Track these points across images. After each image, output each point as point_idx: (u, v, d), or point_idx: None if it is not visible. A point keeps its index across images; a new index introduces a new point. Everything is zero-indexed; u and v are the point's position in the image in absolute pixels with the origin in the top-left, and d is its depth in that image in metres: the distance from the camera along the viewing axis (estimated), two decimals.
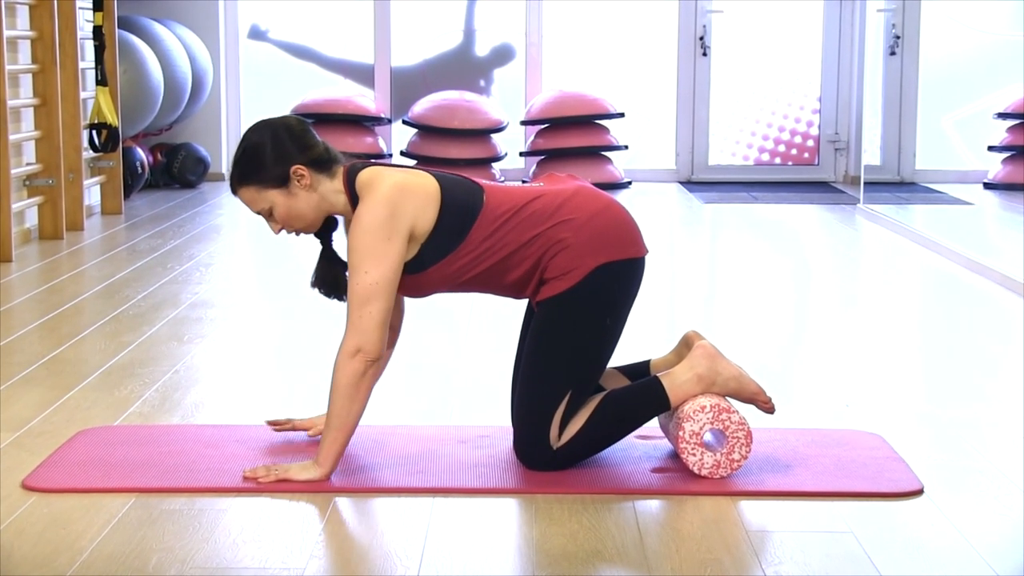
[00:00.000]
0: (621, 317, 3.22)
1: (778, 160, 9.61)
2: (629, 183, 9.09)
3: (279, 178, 3.13)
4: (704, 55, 9.44)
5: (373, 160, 3.26)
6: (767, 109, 9.58)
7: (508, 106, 9.31)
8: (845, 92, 9.44)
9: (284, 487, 3.08)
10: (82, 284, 5.66)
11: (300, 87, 9.26)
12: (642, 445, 3.38)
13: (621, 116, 8.99)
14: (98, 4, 7.36)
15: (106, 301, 5.26)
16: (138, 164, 8.11)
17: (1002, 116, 8.90)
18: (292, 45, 9.58)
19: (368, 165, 3.19)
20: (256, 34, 9.53)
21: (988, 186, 8.89)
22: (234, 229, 7.33)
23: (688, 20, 9.42)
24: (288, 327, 4.91)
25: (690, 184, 9.37)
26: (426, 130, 8.94)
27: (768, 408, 3.28)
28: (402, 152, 9.05)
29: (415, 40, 9.52)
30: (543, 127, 8.99)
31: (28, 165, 6.72)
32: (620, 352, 3.30)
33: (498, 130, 8.97)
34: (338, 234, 3.29)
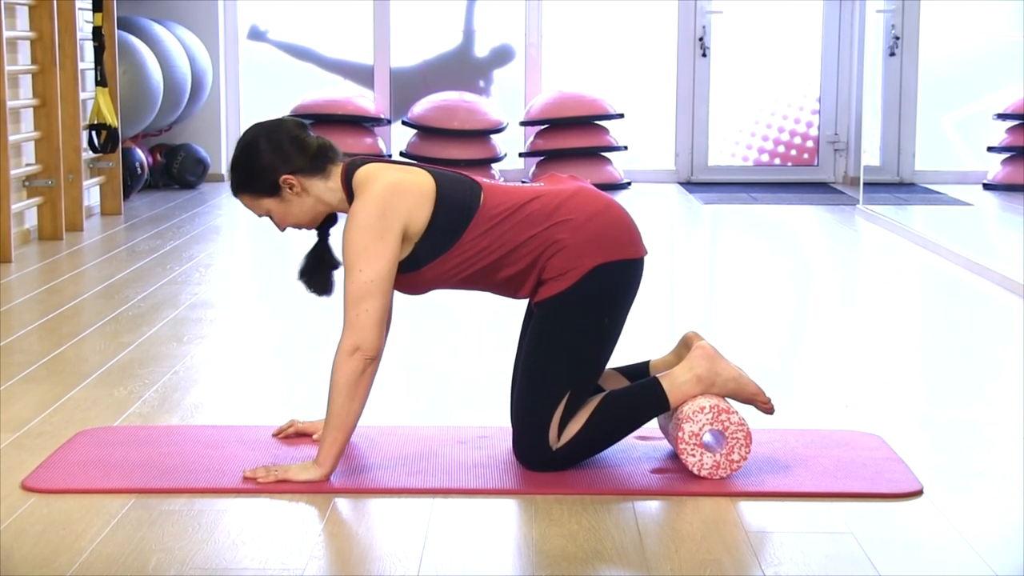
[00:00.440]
0: (619, 318, 3.22)
1: (778, 161, 9.61)
2: (628, 184, 9.09)
3: (269, 188, 3.15)
4: (703, 56, 9.44)
5: (372, 157, 3.23)
6: (766, 110, 9.57)
7: (508, 107, 9.31)
8: (845, 93, 9.43)
9: (284, 488, 3.08)
10: (82, 285, 5.66)
11: (299, 88, 9.26)
12: (642, 446, 3.38)
13: (620, 117, 8.99)
14: (97, 5, 7.35)
15: (106, 302, 5.26)
16: (137, 165, 8.11)
17: (1001, 117, 8.91)
18: (291, 46, 9.57)
19: (367, 162, 3.19)
20: (255, 35, 9.53)
21: (987, 187, 8.90)
22: (234, 230, 7.33)
23: (688, 21, 9.42)
24: (288, 327, 4.91)
25: (689, 185, 9.37)
26: (426, 131, 8.94)
27: (767, 409, 3.28)
28: (402, 153, 9.05)
29: (415, 41, 9.52)
30: (543, 128, 8.99)
31: (28, 166, 6.72)
32: (619, 353, 3.30)
33: (498, 131, 8.97)
34: (336, 228, 3.29)
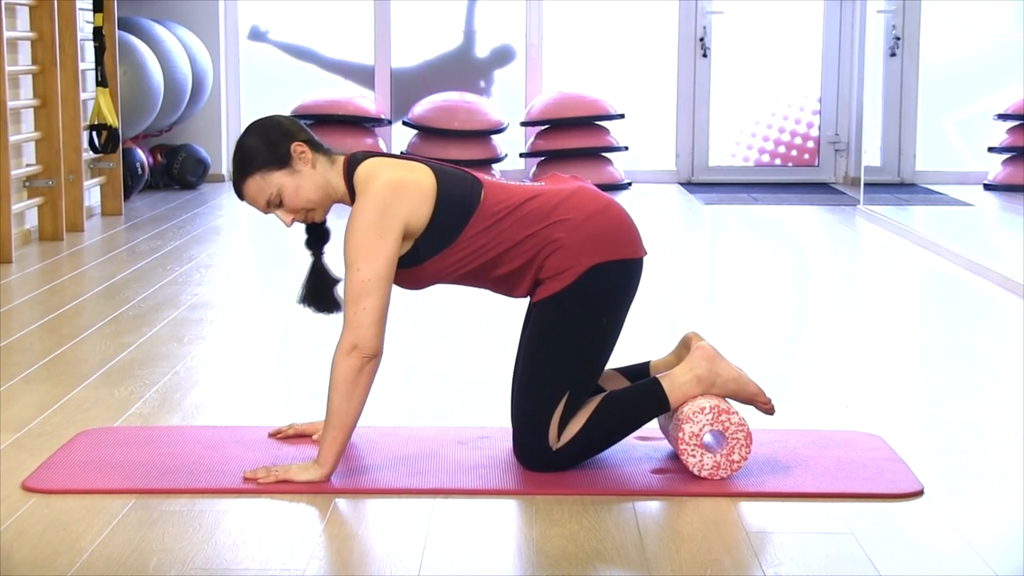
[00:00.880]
0: (618, 318, 3.22)
1: (778, 161, 9.61)
2: (629, 184, 9.09)
3: (281, 158, 3.13)
4: (704, 56, 9.44)
5: (374, 152, 3.23)
6: (767, 110, 9.57)
7: (508, 107, 9.31)
8: (845, 93, 9.43)
9: (284, 488, 3.08)
10: (82, 285, 5.66)
11: (300, 88, 9.26)
12: (642, 446, 3.38)
13: (621, 117, 8.99)
14: (98, 5, 7.35)
15: (106, 302, 5.26)
16: (138, 165, 8.11)
17: (1002, 117, 8.91)
18: (292, 46, 9.58)
19: (368, 156, 3.19)
20: (256, 35, 9.53)
21: (988, 187, 8.90)
22: (234, 230, 7.33)
23: (688, 21, 9.42)
24: (288, 328, 4.91)
25: (690, 185, 9.37)
26: (426, 131, 8.94)
27: (768, 409, 3.28)
28: (402, 153, 9.05)
29: (415, 41, 9.52)
30: (543, 128, 9.00)
31: (28, 166, 6.72)
32: (620, 353, 3.30)
33: (498, 131, 8.97)
34: (330, 245, 3.29)
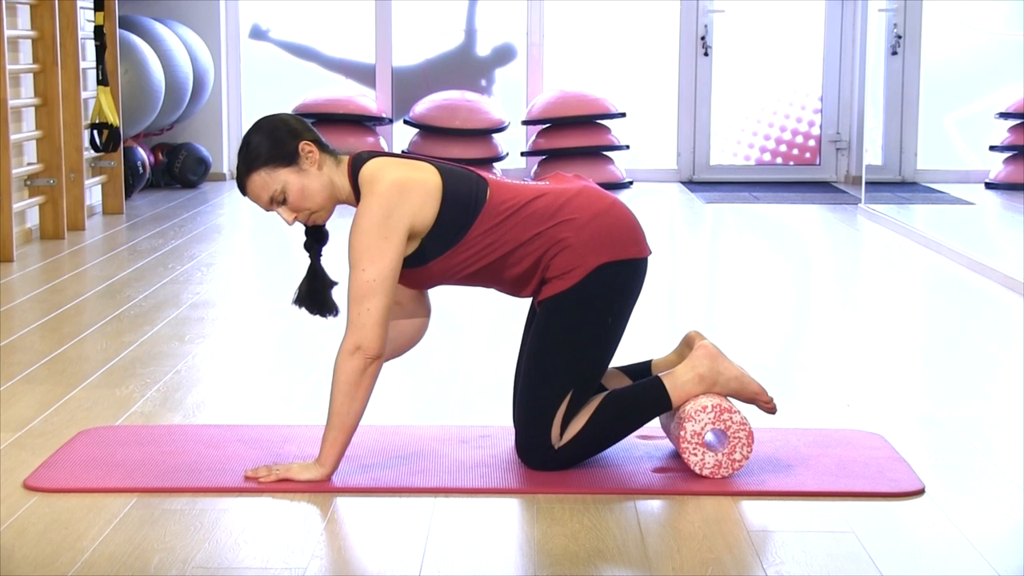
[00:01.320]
0: (623, 317, 3.22)
1: (779, 160, 9.61)
2: (630, 183, 9.08)
3: (288, 155, 3.12)
4: (705, 55, 9.44)
5: (378, 152, 3.22)
6: (768, 109, 9.57)
7: (509, 106, 9.31)
8: (847, 92, 9.43)
9: (285, 487, 3.08)
10: (83, 284, 5.66)
11: (301, 87, 9.26)
12: (643, 445, 3.38)
13: (622, 116, 8.99)
14: (99, 4, 7.36)
15: (107, 301, 5.26)
16: (139, 164, 8.11)
17: (1003, 116, 8.90)
18: (293, 45, 9.57)
19: (373, 156, 3.18)
20: (257, 34, 9.53)
21: (989, 186, 8.89)
22: (235, 229, 7.33)
23: (690, 20, 9.42)
24: (289, 327, 4.90)
25: (691, 184, 9.37)
26: (427, 130, 8.94)
27: (769, 408, 3.28)
28: (403, 152, 9.05)
29: (416, 40, 9.52)
30: (544, 127, 8.99)
31: (29, 165, 6.72)
32: (622, 352, 3.30)
33: (499, 130, 8.97)
34: (329, 247, 3.28)
